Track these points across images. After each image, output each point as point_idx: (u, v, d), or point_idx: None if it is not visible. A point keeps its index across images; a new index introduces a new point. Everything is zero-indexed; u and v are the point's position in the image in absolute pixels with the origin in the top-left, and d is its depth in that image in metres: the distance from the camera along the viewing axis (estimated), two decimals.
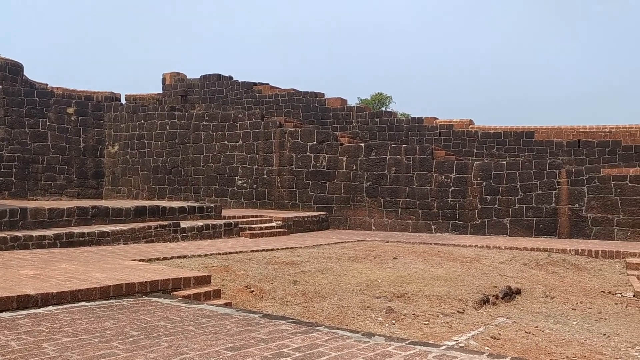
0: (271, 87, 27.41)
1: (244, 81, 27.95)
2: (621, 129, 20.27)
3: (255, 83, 27.80)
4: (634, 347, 6.79)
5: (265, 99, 27.03)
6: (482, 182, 17.10)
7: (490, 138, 22.05)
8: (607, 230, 15.55)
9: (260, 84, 27.68)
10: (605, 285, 10.80)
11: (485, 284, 9.76)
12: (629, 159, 19.75)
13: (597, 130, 20.58)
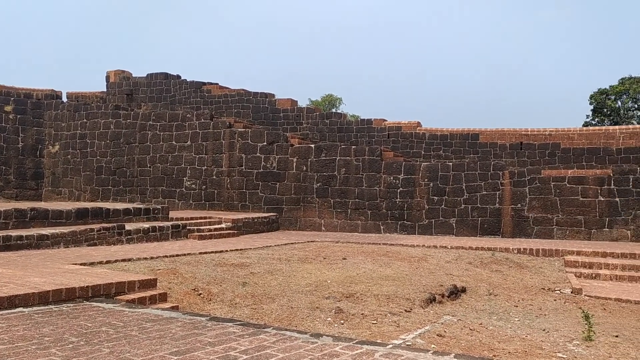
0: (221, 87, 27.08)
1: (192, 80, 27.50)
2: (560, 132, 21.12)
3: (204, 83, 27.39)
4: (572, 342, 7.07)
5: (215, 99, 26.68)
6: (430, 183, 17.44)
7: (437, 140, 22.53)
8: (548, 230, 16.16)
9: (210, 84, 27.31)
10: (545, 282, 11.21)
11: (432, 283, 9.94)
12: (567, 160, 20.60)
13: (538, 133, 21.37)
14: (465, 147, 22.03)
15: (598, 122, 36.59)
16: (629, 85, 35.86)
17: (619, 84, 36.44)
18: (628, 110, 36.72)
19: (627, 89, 35.87)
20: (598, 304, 9.71)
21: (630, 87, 35.75)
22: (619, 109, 36.56)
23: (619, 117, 36.12)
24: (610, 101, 36.45)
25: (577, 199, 15.95)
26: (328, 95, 43.89)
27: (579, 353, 6.55)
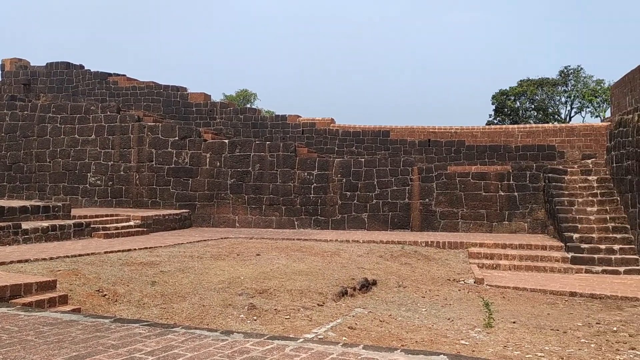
0: (128, 79, 25.97)
1: (97, 71, 26.16)
2: (465, 130, 22.20)
3: (110, 74, 26.14)
4: (474, 329, 7.44)
5: (122, 91, 25.55)
6: (343, 179, 17.72)
7: (350, 136, 22.94)
8: (453, 223, 16.93)
9: (116, 75, 26.11)
10: (450, 273, 11.74)
11: (344, 277, 10.11)
12: (471, 157, 21.69)
13: (445, 130, 22.34)
14: (377, 144, 22.61)
15: (499, 122, 38.86)
16: (526, 87, 38.36)
17: (518, 86, 38.90)
18: (526, 111, 39.29)
19: (525, 90, 38.37)
20: (498, 292, 10.29)
21: (527, 89, 38.26)
22: (518, 109, 39.04)
23: (518, 116, 38.56)
24: (510, 102, 38.82)
25: (480, 194, 16.83)
26: (243, 90, 43.43)
27: (480, 339, 6.91)
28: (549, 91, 38.36)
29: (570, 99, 38.53)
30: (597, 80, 38.10)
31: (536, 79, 38.76)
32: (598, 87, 37.36)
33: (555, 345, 6.75)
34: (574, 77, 38.42)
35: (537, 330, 7.50)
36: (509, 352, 6.37)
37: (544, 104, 38.60)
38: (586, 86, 37.91)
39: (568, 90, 38.67)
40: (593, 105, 37.67)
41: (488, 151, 21.62)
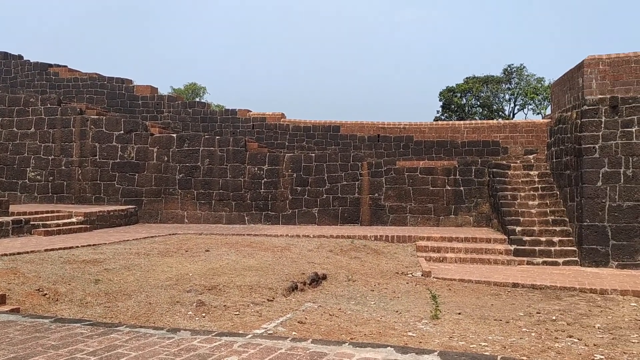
0: (70, 70, 25.03)
1: (37, 62, 25.09)
2: (413, 125, 22.57)
3: (50, 64, 25.11)
4: (421, 321, 7.59)
5: (64, 83, 24.60)
6: (293, 174, 17.70)
7: (300, 131, 22.92)
8: (402, 217, 17.21)
9: (57, 66, 25.11)
10: (399, 267, 11.93)
11: (295, 272, 10.10)
12: (419, 152, 22.08)
13: (394, 126, 22.65)
14: (327, 139, 22.69)
15: (446, 118, 39.75)
16: (472, 84, 39.38)
17: (464, 83, 39.88)
18: (472, 107, 40.34)
19: (471, 87, 39.38)
20: (444, 284, 10.54)
21: (473, 86, 39.28)
22: (464, 105, 40.03)
23: (464, 113, 39.55)
24: (456, 98, 39.76)
25: (427, 188, 17.17)
26: (191, 83, 42.65)
27: (427, 331, 7.06)
28: (494, 88, 39.52)
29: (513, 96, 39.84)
30: (538, 78, 39.55)
31: (481, 76, 39.86)
32: (539, 85, 38.79)
33: (498, 334, 6.98)
34: (517, 75, 39.74)
35: (482, 320, 7.73)
36: (454, 342, 6.53)
37: (489, 100, 39.75)
38: (528, 84, 39.28)
39: (512, 87, 39.96)
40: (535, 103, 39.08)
41: (435, 146, 22.07)
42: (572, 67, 13.94)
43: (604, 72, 12.76)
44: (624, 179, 12.44)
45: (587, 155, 12.77)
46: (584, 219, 12.72)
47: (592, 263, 12.53)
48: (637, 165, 12.35)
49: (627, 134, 12.48)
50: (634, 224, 12.29)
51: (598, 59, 12.87)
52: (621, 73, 12.61)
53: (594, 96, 12.81)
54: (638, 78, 12.48)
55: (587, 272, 11.85)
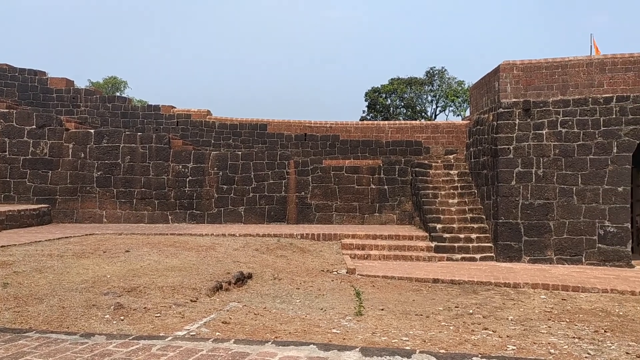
0: None
1: None
2: (339, 125, 22.83)
3: None
4: (345, 318, 7.68)
5: None
6: (219, 172, 17.42)
7: (227, 129, 22.59)
8: (328, 215, 17.37)
9: None
10: (324, 264, 12.02)
11: (219, 271, 9.93)
12: (345, 151, 22.37)
13: (321, 125, 22.81)
14: (254, 137, 22.50)
15: (372, 117, 40.55)
16: (397, 85, 40.40)
17: (389, 84, 40.84)
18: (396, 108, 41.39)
19: (396, 88, 40.39)
20: (368, 281, 10.73)
21: (398, 87, 40.30)
22: (389, 106, 41.01)
23: (389, 113, 40.51)
24: (382, 99, 40.65)
25: (353, 187, 17.42)
26: (111, 77, 40.97)
27: (351, 327, 7.15)
28: (417, 90, 40.76)
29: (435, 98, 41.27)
30: (459, 81, 41.20)
31: (405, 78, 40.98)
32: (459, 88, 40.41)
33: (419, 329, 7.18)
34: (439, 77, 41.19)
35: (403, 316, 7.93)
36: (377, 338, 6.65)
37: (413, 102, 40.94)
38: (449, 86, 40.83)
39: (434, 90, 41.37)
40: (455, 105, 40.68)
41: (361, 146, 22.44)
42: (489, 72, 14.60)
43: (518, 77, 13.45)
44: (536, 178, 13.18)
45: (503, 155, 13.42)
46: (499, 216, 13.36)
47: (507, 258, 13.18)
48: (547, 165, 13.12)
49: (538, 136, 13.23)
50: (544, 221, 13.05)
51: (512, 64, 13.56)
52: (533, 78, 13.35)
53: (508, 99, 13.48)
54: (549, 83, 13.26)
55: (502, 267, 12.46)
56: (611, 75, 12.84)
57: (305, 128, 22.72)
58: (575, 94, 13.03)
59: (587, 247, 12.78)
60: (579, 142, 12.96)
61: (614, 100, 12.76)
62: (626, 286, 10.23)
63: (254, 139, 22.50)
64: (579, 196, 12.88)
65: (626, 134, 12.65)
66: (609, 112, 12.78)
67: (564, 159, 13.02)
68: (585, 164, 12.88)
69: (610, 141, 12.75)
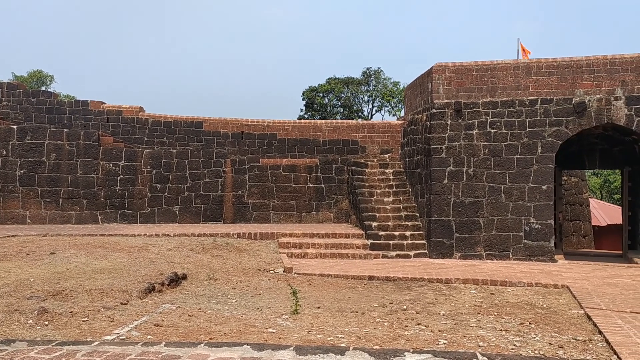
0: None
1: None
2: (277, 123, 22.74)
3: None
4: (281, 317, 7.64)
5: None
6: (153, 171, 16.94)
7: (161, 126, 21.99)
8: (265, 214, 17.26)
9: None
10: (261, 263, 11.93)
11: (152, 273, 9.66)
12: (283, 150, 22.31)
13: (258, 123, 22.63)
14: (190, 135, 22.03)
15: (309, 116, 40.67)
16: (334, 85, 40.72)
17: (327, 84, 41.10)
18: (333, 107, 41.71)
19: (333, 88, 40.70)
20: (305, 280, 10.74)
21: (335, 87, 40.63)
22: (327, 105, 41.27)
23: (326, 112, 40.78)
24: (319, 98, 40.86)
25: (290, 186, 17.40)
26: (36, 71, 38.97)
27: (287, 326, 7.12)
28: (354, 90, 41.24)
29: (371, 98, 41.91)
30: (394, 82, 42.01)
31: (342, 77, 41.36)
32: (395, 89, 41.21)
33: (354, 326, 7.25)
34: (375, 78, 41.85)
35: (339, 313, 7.98)
36: (312, 336, 6.66)
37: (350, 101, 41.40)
38: (385, 87, 41.57)
39: (370, 90, 41.99)
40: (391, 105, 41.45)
41: (298, 144, 22.44)
42: (423, 73, 14.96)
43: (449, 78, 13.86)
44: (467, 177, 13.63)
45: (435, 155, 13.79)
46: (432, 214, 13.72)
47: (439, 255, 13.56)
48: (477, 164, 13.60)
49: (469, 136, 13.68)
50: (474, 218, 13.52)
51: (445, 66, 13.95)
52: (464, 80, 13.80)
53: (441, 100, 13.86)
54: (478, 85, 13.74)
55: (435, 264, 12.80)
56: (536, 78, 13.46)
57: (243, 126, 22.47)
58: (504, 96, 13.58)
59: (514, 243, 13.34)
60: (506, 142, 13.50)
61: (539, 102, 13.38)
62: (549, 280, 10.76)
63: (190, 137, 22.03)
64: (506, 194, 13.42)
65: (549, 135, 13.30)
66: (534, 113, 13.39)
67: (493, 158, 13.54)
68: (512, 164, 13.44)
69: (535, 142, 13.36)
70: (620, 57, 13.01)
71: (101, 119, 21.84)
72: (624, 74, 12.89)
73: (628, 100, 12.79)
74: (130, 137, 21.45)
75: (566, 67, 13.29)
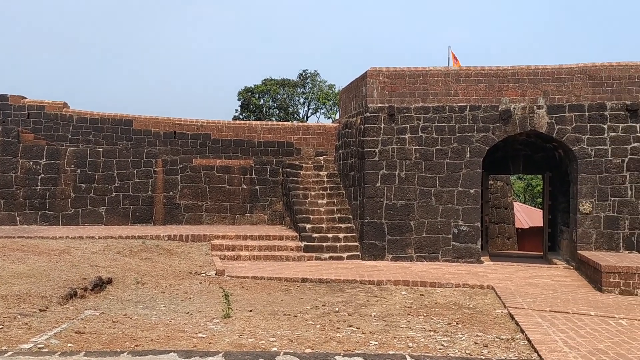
0: None
1: None
2: (211, 123, 22.31)
3: None
4: (212, 321, 7.47)
5: None
6: (77, 170, 16.19)
7: (87, 124, 21.03)
8: (198, 216, 16.89)
9: None
10: (193, 266, 11.65)
11: (75, 277, 9.21)
12: (217, 151, 21.90)
13: (191, 123, 22.12)
14: (118, 133, 21.21)
15: (245, 117, 40.27)
16: (270, 86, 40.54)
17: (262, 85, 40.85)
18: (269, 109, 41.52)
19: (269, 89, 40.51)
20: (238, 283, 10.58)
21: (271, 88, 40.46)
22: (262, 106, 41.01)
23: (262, 113, 40.52)
24: (255, 99, 40.54)
25: (224, 187, 17.12)
26: None
27: (218, 330, 6.96)
28: (290, 92, 41.21)
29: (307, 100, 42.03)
30: (330, 85, 42.32)
31: (278, 79, 41.24)
32: (330, 92, 41.53)
33: (286, 329, 7.19)
34: (311, 80, 42.02)
35: (272, 316, 7.90)
36: (244, 340, 6.54)
37: (285, 103, 41.33)
38: (321, 90, 41.81)
39: (306, 92, 42.11)
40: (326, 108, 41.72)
41: (233, 145, 22.12)
42: (358, 77, 15.13)
43: (384, 83, 14.09)
44: (399, 180, 13.89)
45: (369, 158, 13.97)
46: (365, 216, 13.89)
47: (372, 257, 13.74)
48: (409, 168, 13.89)
49: (401, 140, 13.95)
50: (406, 220, 13.80)
51: (379, 70, 14.17)
52: (398, 85, 14.07)
53: (375, 104, 14.07)
54: (411, 90, 14.04)
55: (367, 265, 12.96)
56: (465, 85, 13.92)
57: (175, 126, 21.89)
58: (435, 102, 13.94)
59: (443, 245, 13.72)
60: (437, 146, 13.88)
61: (468, 109, 13.85)
62: (476, 281, 11.13)
63: (118, 136, 21.20)
64: (436, 197, 13.79)
65: (477, 141, 13.79)
66: (463, 119, 13.84)
67: (424, 162, 13.87)
68: (442, 168, 13.83)
69: (464, 147, 13.81)
70: (543, 67, 13.69)
71: (21, 114, 20.63)
72: (545, 84, 13.56)
73: (549, 109, 13.47)
74: (53, 134, 20.38)
75: (493, 76, 13.82)
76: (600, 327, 7.69)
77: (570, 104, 13.34)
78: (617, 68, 13.26)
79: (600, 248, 12.87)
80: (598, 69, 13.33)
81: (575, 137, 13.25)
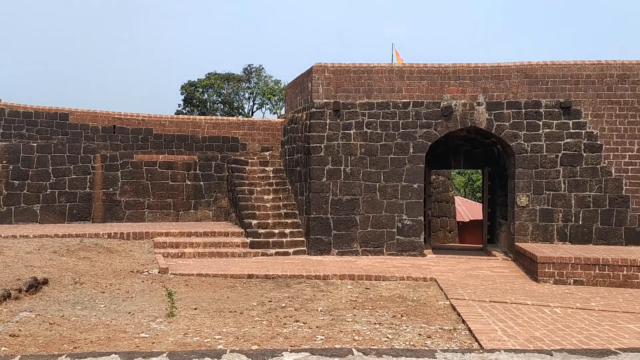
0: None
1: None
2: (153, 118, 21.72)
3: None
4: (155, 320, 7.29)
5: None
6: (9, 166, 15.43)
7: (19, 117, 20.01)
8: (139, 213, 16.44)
9: None
10: (134, 265, 11.33)
11: (8, 278, 8.78)
12: (159, 146, 21.35)
13: (132, 117, 21.46)
14: (53, 128, 20.28)
15: (188, 112, 39.48)
16: (214, 81, 39.90)
17: (206, 79, 40.16)
18: (214, 103, 40.87)
19: (213, 83, 39.87)
20: (182, 280, 10.37)
21: (215, 82, 39.83)
22: (206, 101, 40.33)
23: (206, 108, 39.85)
24: (198, 93, 39.81)
25: (167, 183, 16.74)
26: None
27: (161, 330, 6.80)
28: (235, 86, 40.69)
29: (252, 95, 41.65)
30: (276, 80, 42.09)
31: (223, 73, 40.65)
32: (276, 87, 41.32)
33: (232, 326, 7.11)
34: (256, 75, 41.65)
35: (217, 314, 7.79)
36: (189, 339, 6.42)
37: (230, 98, 40.81)
38: (266, 85, 41.52)
39: (251, 87, 41.71)
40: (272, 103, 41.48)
41: (176, 140, 21.61)
42: (303, 72, 15.11)
43: (329, 79, 14.14)
44: (344, 175, 14.00)
45: (315, 153, 14.00)
46: (311, 211, 13.92)
47: (318, 252, 13.79)
48: (354, 163, 14.02)
49: (347, 136, 14.06)
50: (351, 215, 13.93)
51: (324, 66, 14.21)
52: (343, 81, 14.15)
53: (320, 100, 14.10)
54: (356, 86, 14.16)
55: (313, 260, 13.00)
56: (409, 82, 14.16)
57: (115, 120, 21.17)
58: (379, 98, 14.12)
59: (387, 239, 13.94)
60: (381, 142, 14.06)
61: (411, 105, 14.10)
62: (419, 273, 11.37)
63: (54, 130, 20.28)
64: (381, 192, 13.98)
65: (420, 136, 14.07)
66: (406, 115, 14.08)
67: (369, 157, 14.03)
68: (386, 163, 14.03)
69: (407, 142, 14.06)
70: (482, 65, 14.10)
71: None
72: (485, 81, 13.99)
73: (488, 105, 13.90)
74: None
75: (435, 73, 14.13)
76: (536, 316, 8.02)
77: (508, 101, 13.82)
78: (552, 67, 13.83)
79: (536, 240, 13.42)
80: (534, 67, 13.86)
81: (513, 133, 13.74)
